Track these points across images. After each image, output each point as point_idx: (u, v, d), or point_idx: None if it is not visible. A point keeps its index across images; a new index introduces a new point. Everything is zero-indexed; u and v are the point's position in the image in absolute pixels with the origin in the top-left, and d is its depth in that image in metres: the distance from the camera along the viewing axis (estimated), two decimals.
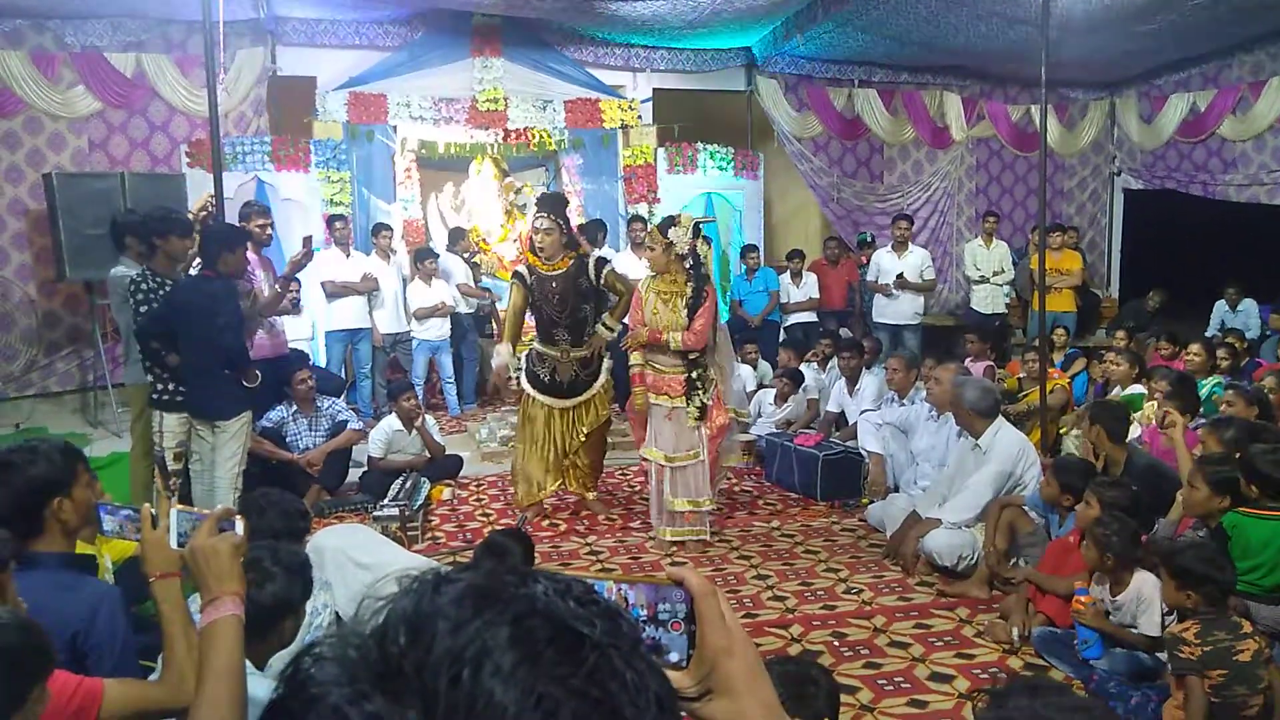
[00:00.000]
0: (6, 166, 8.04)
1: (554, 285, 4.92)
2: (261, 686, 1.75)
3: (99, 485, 3.00)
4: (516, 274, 5.08)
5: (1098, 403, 4.99)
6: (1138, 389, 5.65)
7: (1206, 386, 5.37)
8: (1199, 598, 2.85)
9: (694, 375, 4.61)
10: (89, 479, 2.46)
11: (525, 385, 5.16)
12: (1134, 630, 3.29)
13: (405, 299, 7.71)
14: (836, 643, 3.71)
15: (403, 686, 0.53)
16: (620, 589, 0.76)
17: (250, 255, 5.02)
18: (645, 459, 4.89)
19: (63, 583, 2.22)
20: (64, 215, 7.06)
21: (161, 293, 4.44)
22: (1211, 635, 2.76)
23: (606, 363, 5.26)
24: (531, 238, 5.07)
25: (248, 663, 1.69)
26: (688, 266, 4.55)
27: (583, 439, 5.16)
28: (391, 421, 5.81)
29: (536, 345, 5.13)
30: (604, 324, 5.05)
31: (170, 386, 4.46)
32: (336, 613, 3.02)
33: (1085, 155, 11.22)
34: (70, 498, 2.35)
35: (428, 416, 6.09)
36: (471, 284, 8.07)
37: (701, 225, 4.72)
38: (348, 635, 0.56)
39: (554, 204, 5.08)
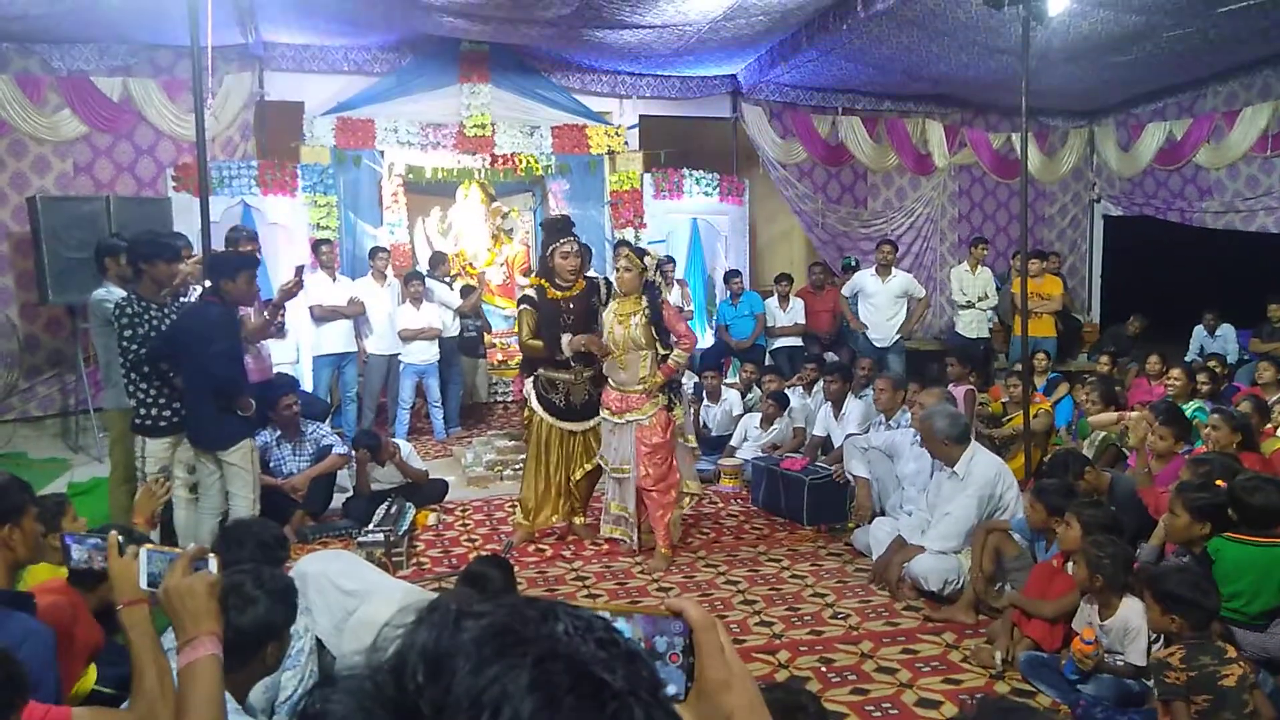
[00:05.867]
0: None
1: (571, 307, 5.00)
2: None
3: (74, 513, 2.97)
4: (527, 299, 5.07)
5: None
6: (1109, 416, 5.75)
7: (1188, 410, 5.42)
8: (1184, 623, 2.87)
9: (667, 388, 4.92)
10: (38, 513, 2.41)
11: (538, 409, 5.16)
12: (1121, 659, 3.30)
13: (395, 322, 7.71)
14: (824, 668, 3.70)
15: None
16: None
17: None
18: (600, 461, 5.15)
19: None
20: (48, 239, 7.02)
21: (147, 316, 4.41)
22: (1197, 660, 2.77)
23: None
24: (549, 261, 5.05)
25: (228, 699, 1.67)
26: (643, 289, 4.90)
27: (592, 463, 5.18)
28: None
29: (545, 372, 5.12)
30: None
31: (154, 411, 4.41)
32: (317, 638, 2.99)
33: (1065, 182, 11.38)
34: (20, 527, 2.30)
35: (403, 444, 6.09)
36: (468, 302, 8.05)
37: (660, 259, 5.20)
38: (363, 667, 0.55)
39: (570, 227, 5.21)
